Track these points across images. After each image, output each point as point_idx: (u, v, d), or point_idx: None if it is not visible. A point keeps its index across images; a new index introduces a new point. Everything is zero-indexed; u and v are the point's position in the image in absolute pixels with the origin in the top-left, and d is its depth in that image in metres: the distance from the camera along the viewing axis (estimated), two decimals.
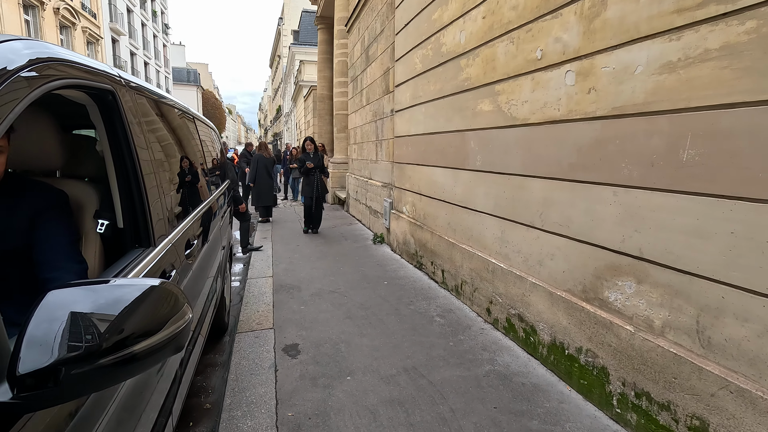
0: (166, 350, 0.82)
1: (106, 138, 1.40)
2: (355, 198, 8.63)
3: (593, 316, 2.26)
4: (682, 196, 1.79)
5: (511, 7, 2.93)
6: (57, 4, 18.20)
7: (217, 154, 3.72)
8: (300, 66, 27.74)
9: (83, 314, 0.70)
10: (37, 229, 1.17)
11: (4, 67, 0.85)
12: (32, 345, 0.65)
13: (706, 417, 1.69)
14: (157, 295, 0.81)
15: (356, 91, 8.66)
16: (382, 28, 6.55)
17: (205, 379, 2.78)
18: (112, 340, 0.71)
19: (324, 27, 13.21)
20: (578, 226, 2.40)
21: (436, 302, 3.85)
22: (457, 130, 3.79)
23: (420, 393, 2.41)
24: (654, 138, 1.90)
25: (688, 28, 1.73)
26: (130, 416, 1.14)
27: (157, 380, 1.38)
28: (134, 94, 1.59)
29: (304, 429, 2.10)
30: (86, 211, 1.45)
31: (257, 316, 3.55)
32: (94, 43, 22.54)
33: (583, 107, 2.31)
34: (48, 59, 1.02)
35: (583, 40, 2.29)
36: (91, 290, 0.74)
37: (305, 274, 4.76)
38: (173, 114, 2.23)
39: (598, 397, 2.25)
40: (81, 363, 0.67)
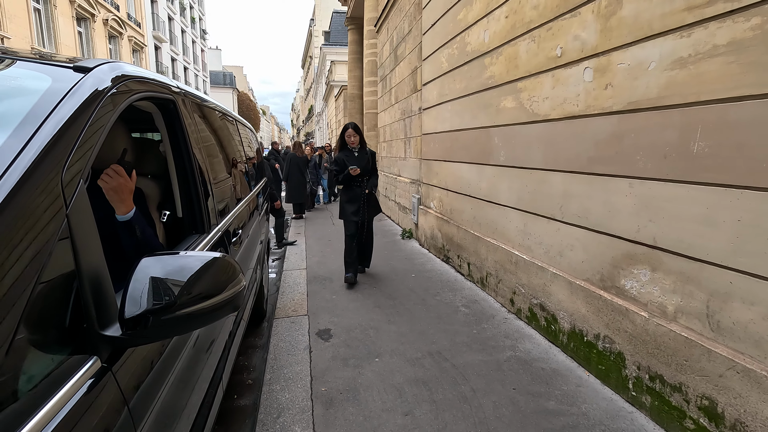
0: (226, 308, 1.03)
1: (168, 140, 1.65)
2: (385, 195, 8.83)
3: (610, 303, 2.35)
4: (692, 187, 1.86)
5: (532, 7, 3.03)
6: (106, 16, 19.41)
7: (255, 153, 4.01)
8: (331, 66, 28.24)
9: (162, 278, 0.92)
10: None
11: (96, 89, 1.07)
12: (130, 299, 0.88)
13: (715, 397, 1.77)
14: (218, 265, 1.02)
15: (385, 90, 8.85)
16: (410, 28, 6.70)
17: (246, 359, 3.05)
18: (184, 298, 0.93)
19: (354, 27, 13.47)
20: (596, 218, 2.48)
21: (462, 293, 3.99)
22: (482, 126, 3.90)
23: (443, 374, 2.57)
24: (667, 131, 1.98)
25: (697, 25, 1.81)
26: (185, 386, 1.36)
27: (207, 357, 1.61)
28: (189, 102, 1.83)
29: (336, 402, 2.32)
30: (152, 203, 1.71)
31: (293, 304, 3.81)
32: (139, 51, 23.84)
33: (601, 102, 2.39)
34: (125, 77, 1.25)
35: (600, 37, 2.38)
36: (171, 259, 0.96)
37: (336, 266, 5.00)
38: (219, 118, 2.49)
39: (614, 381, 2.34)
40: (161, 313, 0.89)
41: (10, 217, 0.70)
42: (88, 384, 0.79)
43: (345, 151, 4.22)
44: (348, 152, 4.20)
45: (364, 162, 4.17)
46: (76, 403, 0.75)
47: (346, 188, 4.25)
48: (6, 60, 1.14)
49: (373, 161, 4.31)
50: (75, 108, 0.94)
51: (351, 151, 4.19)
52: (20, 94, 0.97)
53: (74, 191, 0.86)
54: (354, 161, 4.12)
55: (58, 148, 0.85)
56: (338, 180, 4.18)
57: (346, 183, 4.19)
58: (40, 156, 0.80)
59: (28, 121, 0.86)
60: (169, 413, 1.16)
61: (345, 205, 4.26)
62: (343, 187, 4.28)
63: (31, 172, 0.76)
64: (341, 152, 4.23)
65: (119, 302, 0.88)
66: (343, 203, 4.29)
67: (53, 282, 0.76)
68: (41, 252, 0.74)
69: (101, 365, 0.85)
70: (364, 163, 4.16)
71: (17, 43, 13.54)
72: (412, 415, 2.19)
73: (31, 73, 1.06)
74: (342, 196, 4.33)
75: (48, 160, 0.81)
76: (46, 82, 1.00)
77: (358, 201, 4.21)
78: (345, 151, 4.22)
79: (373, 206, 4.30)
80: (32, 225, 0.74)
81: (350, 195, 4.23)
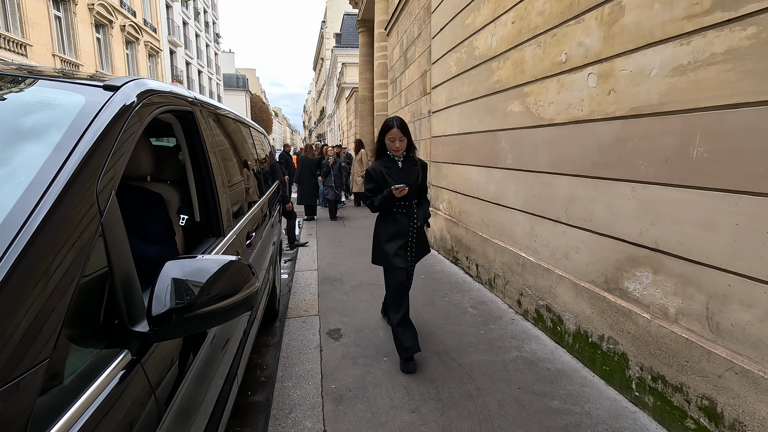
0: (241, 308, 1.12)
1: (187, 149, 1.75)
2: None
3: (614, 305, 2.39)
4: (692, 191, 1.90)
5: (538, 13, 3.08)
6: (123, 22, 19.87)
7: (268, 156, 4.12)
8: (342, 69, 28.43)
9: (183, 280, 1.01)
10: (147, 224, 1.53)
11: (124, 104, 1.17)
12: (156, 298, 0.97)
13: (714, 397, 1.81)
14: (234, 267, 1.11)
15: (395, 92, 8.93)
16: (419, 31, 6.77)
17: (260, 357, 3.16)
18: (203, 298, 1.02)
19: (365, 30, 13.59)
20: (600, 221, 2.53)
21: (470, 295, 4.04)
22: (489, 130, 3.96)
23: (449, 373, 2.64)
24: (667, 137, 2.02)
25: (696, 34, 1.85)
26: (203, 382, 1.45)
27: (223, 354, 1.70)
28: (205, 112, 1.94)
29: (345, 398, 2.40)
30: (172, 208, 1.82)
31: (304, 304, 3.91)
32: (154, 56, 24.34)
33: (604, 108, 2.44)
34: (149, 92, 1.35)
35: (603, 44, 2.42)
36: (191, 262, 1.05)
37: (347, 267, 5.10)
38: (232, 124, 2.60)
39: (618, 381, 2.38)
40: (183, 312, 0.98)
41: (55, 224, 0.79)
42: (121, 374, 0.89)
43: (384, 159, 2.74)
44: (388, 162, 2.72)
45: (413, 177, 2.70)
46: (111, 391, 0.84)
47: (385, 217, 2.80)
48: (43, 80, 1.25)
49: (424, 176, 2.84)
50: (106, 123, 1.04)
51: (393, 160, 2.72)
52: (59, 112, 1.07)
53: (107, 199, 0.95)
54: (398, 176, 2.67)
55: (94, 160, 0.94)
56: (373, 204, 2.73)
57: (386, 209, 2.74)
58: (79, 168, 0.89)
59: (67, 137, 0.95)
60: (188, 407, 1.25)
61: (384, 243, 2.77)
62: (380, 215, 2.85)
63: (72, 183, 0.86)
64: (379, 162, 2.76)
65: (146, 301, 0.98)
66: (381, 240, 2.79)
67: (90, 283, 0.86)
68: (81, 256, 0.83)
69: (131, 358, 0.94)
70: (413, 179, 2.69)
71: (39, 50, 13.96)
72: (419, 412, 2.26)
73: (66, 93, 1.16)
74: (379, 229, 2.83)
75: (86, 172, 0.91)
76: (80, 101, 1.10)
77: (403, 237, 2.73)
78: (384, 159, 2.74)
79: (422, 245, 2.87)
80: (72, 231, 0.83)
81: (392, 228, 2.74)
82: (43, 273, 0.74)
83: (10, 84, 1.22)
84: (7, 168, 0.90)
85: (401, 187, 2.54)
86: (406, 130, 2.67)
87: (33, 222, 0.76)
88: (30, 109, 1.08)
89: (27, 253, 0.73)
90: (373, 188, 2.74)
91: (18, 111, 1.08)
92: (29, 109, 1.08)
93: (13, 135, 0.99)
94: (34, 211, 0.78)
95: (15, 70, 1.31)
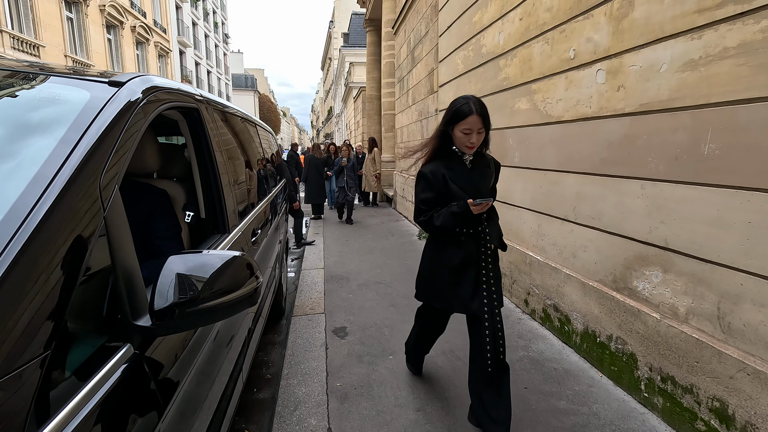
0: (244, 303, 1.12)
1: (192, 146, 1.76)
2: (402, 195, 8.90)
3: (623, 304, 2.36)
4: (703, 188, 1.87)
5: (546, 9, 3.05)
6: (133, 23, 20.09)
7: (275, 155, 4.13)
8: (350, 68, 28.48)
9: (186, 275, 1.01)
10: (153, 220, 1.54)
11: (129, 100, 1.17)
12: (159, 292, 0.97)
13: (726, 398, 1.77)
14: (238, 263, 1.10)
15: (403, 91, 8.92)
16: (427, 30, 6.75)
17: (266, 354, 3.17)
18: (206, 293, 1.01)
19: (372, 29, 13.58)
20: (609, 219, 2.49)
21: None
22: (497, 128, 3.92)
23: (455, 372, 2.62)
24: (678, 133, 1.98)
25: (708, 28, 1.81)
26: (207, 378, 1.45)
27: (227, 351, 1.70)
28: (212, 109, 1.94)
29: (350, 397, 2.40)
30: (177, 205, 1.82)
31: (310, 303, 3.92)
32: (164, 56, 24.58)
33: (613, 104, 2.40)
34: (154, 88, 1.35)
35: (612, 39, 2.39)
36: (195, 257, 1.05)
37: (353, 266, 5.09)
38: (239, 122, 2.61)
39: (627, 382, 2.34)
40: (186, 306, 0.98)
41: (58, 218, 0.80)
42: (123, 368, 0.89)
43: (446, 158, 1.96)
44: (452, 161, 1.94)
45: (486, 183, 2.00)
46: (113, 384, 0.84)
47: (442, 239, 2.02)
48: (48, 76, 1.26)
49: (496, 180, 2.12)
50: (111, 119, 1.04)
51: (459, 159, 1.94)
52: (63, 108, 1.08)
53: (110, 195, 0.96)
54: (465, 182, 1.92)
55: (97, 155, 0.95)
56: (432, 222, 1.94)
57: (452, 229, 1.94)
58: (83, 162, 0.90)
59: (71, 132, 0.96)
60: (192, 402, 1.25)
61: (444, 277, 2.00)
62: (433, 238, 2.08)
63: (75, 177, 0.86)
64: (437, 162, 1.96)
65: (149, 296, 0.98)
66: (438, 273, 2.04)
67: (93, 277, 0.86)
68: (83, 250, 0.83)
69: (134, 352, 0.94)
70: (486, 186, 1.99)
71: (51, 51, 14.17)
72: (424, 411, 2.25)
73: (71, 88, 1.17)
74: (433, 257, 2.09)
75: (89, 166, 0.91)
76: (85, 96, 1.11)
77: (473, 267, 1.95)
78: (446, 158, 1.96)
79: (498, 277, 2.02)
80: (75, 225, 0.84)
81: (454, 256, 1.97)
82: (45, 266, 0.74)
83: (17, 80, 1.23)
84: (11, 162, 0.91)
85: (484, 202, 1.75)
86: (487, 119, 1.84)
87: (36, 215, 0.76)
88: (35, 104, 1.09)
89: (30, 246, 0.73)
90: (430, 199, 1.92)
91: (23, 106, 1.09)
92: (35, 104, 1.09)
93: (18, 129, 1.00)
94: (36, 205, 0.78)
95: (25, 66, 1.33)
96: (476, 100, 1.84)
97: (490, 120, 1.89)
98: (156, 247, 1.50)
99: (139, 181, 1.69)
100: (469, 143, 1.86)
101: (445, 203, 1.93)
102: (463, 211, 1.82)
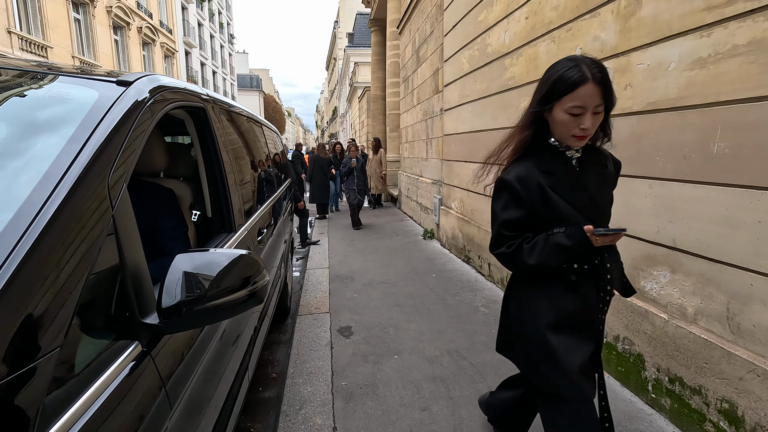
0: (251, 301, 1.12)
1: (199, 145, 1.76)
2: (407, 195, 8.89)
3: (630, 305, 2.34)
4: (712, 188, 1.85)
5: (552, 8, 3.03)
6: (140, 24, 20.22)
7: (280, 155, 4.14)
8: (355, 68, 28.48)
9: (193, 273, 1.01)
10: (159, 219, 1.55)
11: (136, 100, 1.18)
12: (166, 290, 0.97)
13: (735, 400, 1.75)
14: (244, 261, 1.10)
15: (407, 91, 8.91)
16: (432, 29, 6.74)
17: (271, 353, 3.18)
18: (213, 291, 1.02)
19: (377, 29, 13.58)
20: (616, 218, 2.46)
21: (482, 294, 4.01)
22: (502, 127, 3.91)
23: (461, 372, 2.62)
24: (686, 132, 1.96)
25: (717, 25, 1.79)
26: (213, 376, 1.46)
27: (233, 350, 1.71)
28: (218, 109, 1.95)
29: (356, 396, 2.40)
30: (184, 204, 1.83)
31: (315, 302, 3.92)
32: (170, 57, 24.71)
33: (620, 103, 2.38)
34: (161, 88, 1.36)
35: (619, 38, 2.37)
36: (202, 256, 1.05)
37: (358, 266, 5.10)
38: (245, 122, 2.62)
39: (634, 383, 2.33)
40: (193, 304, 0.98)
41: (67, 217, 0.80)
42: (131, 366, 0.89)
43: (539, 157, 1.32)
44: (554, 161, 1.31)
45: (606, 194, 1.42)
46: (121, 382, 0.85)
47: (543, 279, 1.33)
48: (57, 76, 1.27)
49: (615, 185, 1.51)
50: (119, 118, 1.05)
51: (563, 156, 1.32)
52: (72, 107, 1.08)
53: (118, 193, 0.96)
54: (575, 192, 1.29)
55: (106, 154, 0.95)
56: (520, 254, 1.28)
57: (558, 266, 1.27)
58: (91, 161, 0.90)
59: (80, 131, 0.96)
60: (198, 400, 1.26)
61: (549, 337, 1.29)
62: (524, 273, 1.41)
63: (84, 176, 0.87)
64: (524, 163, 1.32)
65: (156, 294, 0.98)
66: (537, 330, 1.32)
67: (102, 275, 0.86)
68: (92, 248, 0.84)
69: (142, 350, 0.95)
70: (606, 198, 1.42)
71: (59, 52, 14.29)
72: (429, 410, 2.25)
73: (80, 88, 1.18)
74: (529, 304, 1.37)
75: (98, 165, 0.91)
76: (93, 96, 1.12)
77: (589, 325, 1.33)
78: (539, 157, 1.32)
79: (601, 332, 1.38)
80: (84, 223, 0.84)
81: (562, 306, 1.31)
82: (54, 264, 0.75)
83: (26, 79, 1.24)
84: (21, 160, 0.91)
85: (613, 234, 1.20)
86: (610, 90, 1.23)
87: (45, 214, 0.77)
88: (45, 104, 1.10)
89: (40, 243, 0.73)
90: (517, 220, 1.30)
91: (33, 105, 1.10)
92: (44, 104, 1.10)
93: (28, 128, 1.00)
94: (46, 204, 0.78)
95: (33, 66, 1.34)
96: (591, 62, 1.22)
97: None
98: (162, 246, 1.50)
99: (146, 180, 1.70)
100: (579, 130, 1.21)
101: (541, 226, 1.29)
102: (576, 244, 1.20)
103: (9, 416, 0.62)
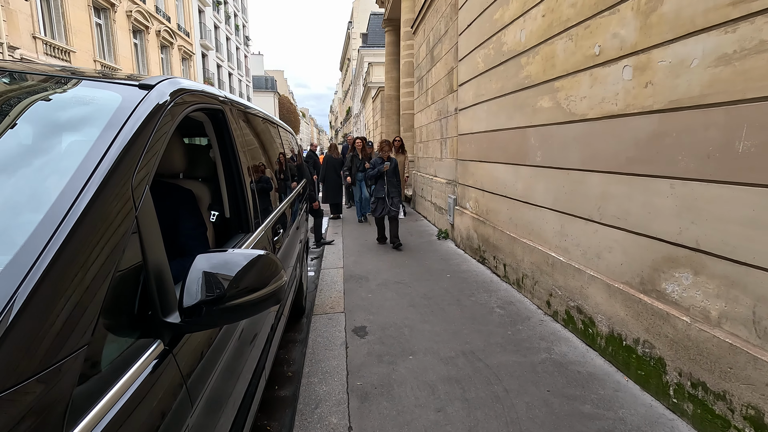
0: (269, 301, 1.13)
1: (217, 147, 1.79)
2: (421, 195, 8.86)
3: (650, 307, 2.29)
4: (737, 188, 1.80)
5: (570, 5, 2.99)
6: (158, 28, 20.61)
7: (295, 155, 4.17)
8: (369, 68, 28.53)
9: (213, 273, 1.02)
10: (179, 220, 1.58)
11: (158, 103, 1.20)
12: (187, 290, 0.99)
13: (762, 406, 1.70)
14: (262, 262, 1.12)
15: (422, 90, 8.88)
16: (446, 29, 6.70)
17: (287, 353, 3.20)
18: (232, 291, 1.03)
19: (391, 29, 13.57)
20: (636, 219, 2.42)
21: (497, 295, 3.97)
22: (518, 126, 3.87)
23: (476, 374, 2.60)
24: (710, 130, 1.91)
25: (743, 20, 1.74)
26: (232, 375, 1.48)
27: (251, 349, 1.72)
28: (235, 111, 1.98)
29: (370, 396, 2.40)
30: (203, 205, 1.86)
31: (330, 302, 3.94)
32: (187, 59, 25.12)
33: (641, 101, 2.34)
34: (182, 91, 1.38)
35: (639, 35, 2.32)
36: (221, 256, 1.07)
37: (372, 266, 5.10)
38: (262, 123, 2.64)
39: (655, 387, 2.28)
40: (213, 304, 0.99)
41: (93, 218, 0.82)
42: (153, 363, 0.91)
43: None
44: None
45: None
46: (144, 380, 0.86)
47: None
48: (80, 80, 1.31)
49: None
50: (141, 121, 1.07)
51: None
52: (97, 110, 1.11)
53: (142, 194, 0.98)
54: None
55: (129, 156, 0.97)
56: None
57: None
58: (116, 163, 0.92)
59: (105, 133, 0.99)
60: (218, 398, 1.28)
61: None
62: None
63: (108, 178, 0.89)
64: None
65: (178, 293, 1.00)
66: None
67: (126, 274, 0.88)
68: (117, 248, 0.86)
69: (164, 348, 0.96)
70: None
71: (81, 56, 14.66)
72: (444, 411, 2.24)
73: (104, 91, 1.21)
74: None
75: (122, 167, 0.93)
76: (117, 99, 1.14)
77: None
78: None
79: None
80: (109, 224, 0.86)
81: None
82: (81, 264, 0.77)
83: (53, 84, 1.28)
84: (48, 163, 0.94)
85: None
86: None
87: (73, 214, 0.79)
88: (71, 107, 1.13)
89: (68, 243, 0.75)
90: None
91: (59, 109, 1.13)
92: (70, 107, 1.13)
93: (54, 131, 1.03)
94: (73, 206, 0.80)
95: (59, 71, 1.37)
96: None
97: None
98: (182, 246, 1.53)
99: (166, 181, 1.73)
100: None
101: None
102: None
103: (41, 411, 0.64)
